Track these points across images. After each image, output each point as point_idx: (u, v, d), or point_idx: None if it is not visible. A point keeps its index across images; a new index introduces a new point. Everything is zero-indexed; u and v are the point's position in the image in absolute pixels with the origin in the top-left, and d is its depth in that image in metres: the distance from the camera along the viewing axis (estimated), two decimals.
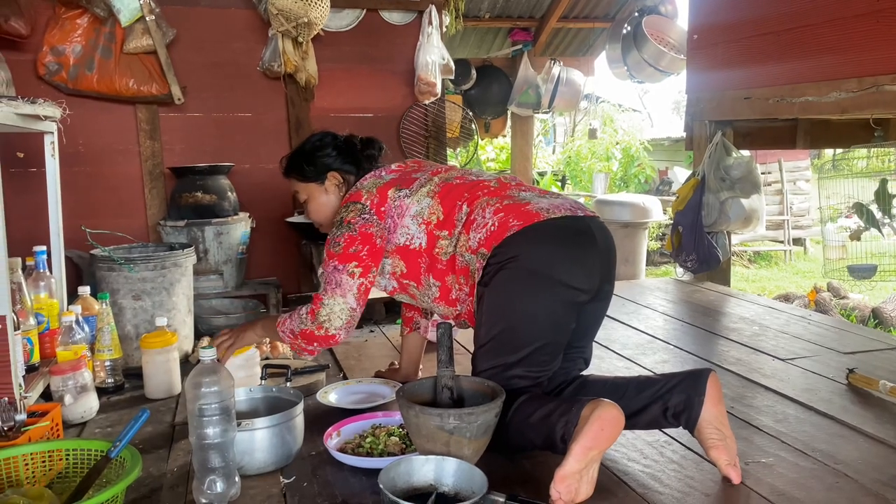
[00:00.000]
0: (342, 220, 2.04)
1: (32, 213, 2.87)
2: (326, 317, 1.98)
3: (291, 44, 3.54)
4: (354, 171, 2.23)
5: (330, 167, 2.22)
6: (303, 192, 2.27)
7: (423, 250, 2.02)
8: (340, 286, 1.99)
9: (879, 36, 2.93)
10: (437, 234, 1.99)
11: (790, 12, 3.37)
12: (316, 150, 2.24)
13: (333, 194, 2.23)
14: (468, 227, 1.94)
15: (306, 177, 2.23)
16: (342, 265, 1.99)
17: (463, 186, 2.05)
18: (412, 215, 2.03)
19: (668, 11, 5.76)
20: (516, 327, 1.82)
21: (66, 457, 1.70)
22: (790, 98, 3.38)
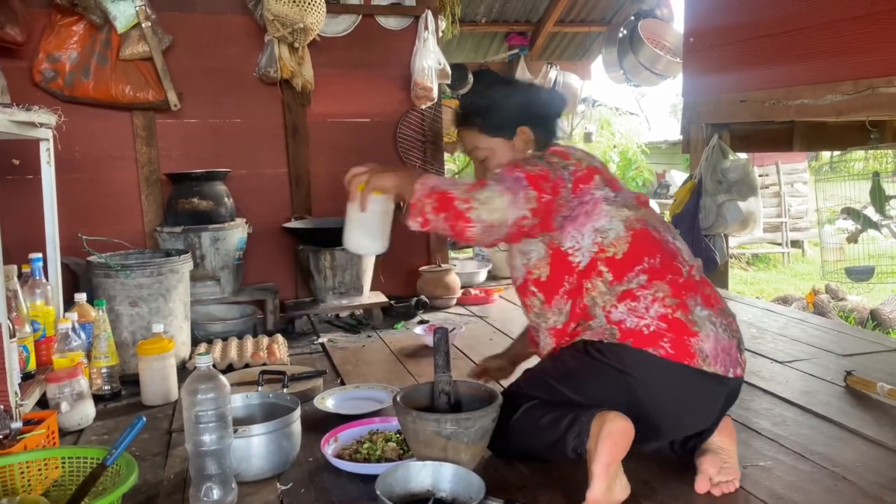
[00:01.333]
0: (542, 156, 1.80)
1: (28, 220, 2.87)
2: (481, 199, 1.61)
3: (288, 49, 3.54)
4: (545, 132, 1.92)
5: (524, 121, 1.89)
6: (483, 147, 1.92)
7: (576, 271, 1.74)
8: (513, 192, 1.64)
9: (874, 38, 2.94)
10: (602, 269, 1.72)
11: (785, 15, 3.37)
12: (508, 99, 1.91)
13: (521, 155, 1.89)
14: (627, 297, 1.68)
15: (492, 129, 1.89)
16: (528, 181, 1.68)
17: (657, 246, 1.76)
18: (595, 227, 1.74)
19: (664, 15, 5.76)
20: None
21: (62, 465, 1.70)
22: (786, 101, 3.38)
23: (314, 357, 3.05)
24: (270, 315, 3.47)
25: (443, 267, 3.99)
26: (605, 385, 1.66)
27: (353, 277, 3.54)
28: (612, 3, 6.20)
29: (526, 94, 1.94)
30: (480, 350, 3.05)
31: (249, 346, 2.95)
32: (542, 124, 1.92)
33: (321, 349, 3.17)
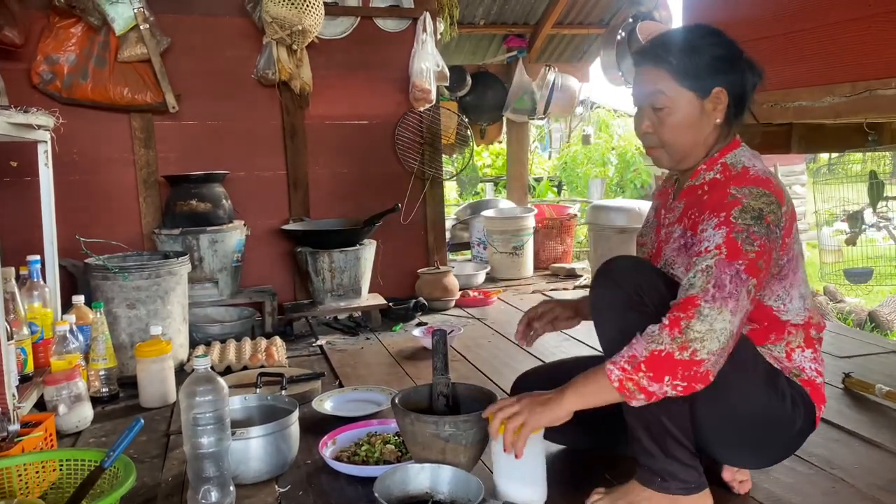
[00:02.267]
0: (763, 214, 1.46)
1: (26, 223, 2.86)
2: (701, 333, 1.37)
3: (286, 51, 3.54)
4: (739, 106, 1.64)
5: (726, 82, 1.59)
6: (667, 95, 1.59)
7: (787, 325, 1.61)
8: (737, 299, 1.40)
9: (872, 40, 2.94)
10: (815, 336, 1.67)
11: (783, 18, 3.37)
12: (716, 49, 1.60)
13: (708, 122, 1.61)
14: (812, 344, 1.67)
15: (688, 76, 1.58)
16: (748, 274, 1.42)
17: None
18: (801, 293, 1.61)
19: (663, 17, 5.76)
20: None
21: (59, 467, 1.70)
22: (784, 103, 3.38)
23: (312, 359, 3.05)
24: (269, 317, 3.47)
25: (441, 269, 3.99)
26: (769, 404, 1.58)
27: (352, 279, 3.54)
28: (611, 5, 6.20)
29: (737, 51, 1.64)
30: (479, 352, 3.05)
31: (248, 349, 2.94)
32: (740, 94, 1.63)
33: (319, 351, 3.17)
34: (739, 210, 1.46)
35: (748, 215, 1.46)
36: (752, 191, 1.49)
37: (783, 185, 1.57)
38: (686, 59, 1.59)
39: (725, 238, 1.44)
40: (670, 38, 1.65)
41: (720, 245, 1.44)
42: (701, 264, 1.43)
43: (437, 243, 4.20)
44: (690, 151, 1.64)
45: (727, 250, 1.43)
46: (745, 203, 1.47)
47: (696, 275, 1.43)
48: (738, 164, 1.59)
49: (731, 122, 1.64)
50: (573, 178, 11.87)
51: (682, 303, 1.41)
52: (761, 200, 1.48)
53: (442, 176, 4.23)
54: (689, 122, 1.60)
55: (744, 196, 1.49)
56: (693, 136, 1.62)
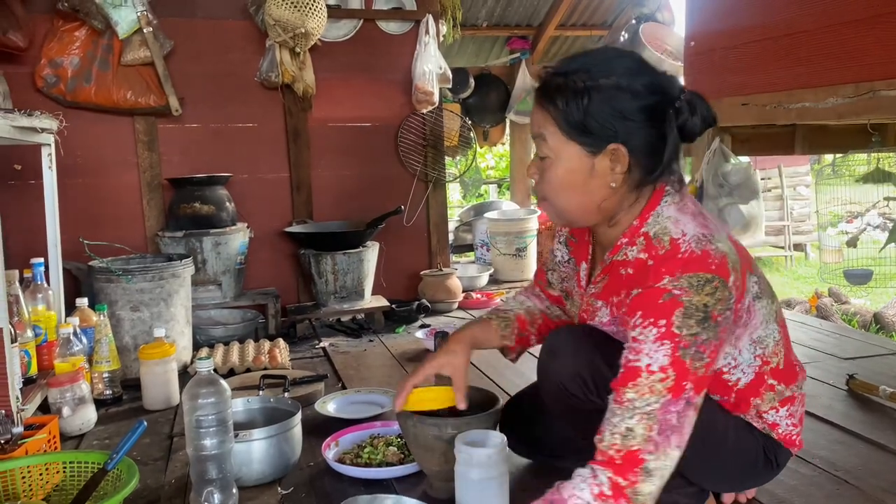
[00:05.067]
0: (709, 311, 1.22)
1: (30, 225, 2.87)
2: (651, 492, 1.21)
3: (289, 54, 3.54)
4: (656, 161, 1.31)
5: (621, 135, 1.29)
6: (548, 146, 1.34)
7: (735, 389, 1.42)
8: (682, 430, 1.22)
9: (875, 41, 2.94)
10: (773, 383, 1.43)
11: (786, 18, 3.37)
12: (628, 93, 1.28)
13: (600, 184, 1.32)
14: (788, 402, 1.49)
15: (572, 127, 1.30)
16: (697, 395, 1.24)
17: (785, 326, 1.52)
18: (753, 338, 1.39)
19: (666, 18, 5.76)
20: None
21: (63, 469, 1.70)
22: (787, 104, 3.38)
23: (315, 361, 3.05)
24: (272, 319, 3.47)
25: (444, 271, 3.99)
26: (744, 459, 1.50)
27: (355, 281, 3.54)
28: (614, 6, 6.20)
29: (654, 92, 1.30)
30: (482, 354, 3.04)
31: (251, 351, 2.95)
32: (653, 149, 1.31)
33: (322, 353, 3.18)
34: (682, 316, 1.21)
35: (692, 320, 1.21)
36: (692, 280, 1.22)
37: (722, 236, 1.30)
38: (574, 103, 1.28)
39: (671, 358, 1.20)
40: (570, 68, 1.32)
41: (665, 367, 1.20)
42: (641, 404, 1.20)
43: (440, 245, 4.20)
44: (579, 216, 1.39)
45: (674, 374, 1.20)
46: (686, 304, 1.21)
47: (634, 417, 1.20)
48: (665, 237, 1.29)
49: (645, 180, 1.34)
50: None
51: (622, 463, 1.19)
52: (704, 292, 1.22)
53: (445, 178, 4.23)
54: (572, 181, 1.33)
55: (683, 291, 1.22)
56: (579, 198, 1.35)
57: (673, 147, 1.31)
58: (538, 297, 1.79)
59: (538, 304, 1.78)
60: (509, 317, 1.71)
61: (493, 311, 1.74)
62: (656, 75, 1.33)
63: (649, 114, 1.28)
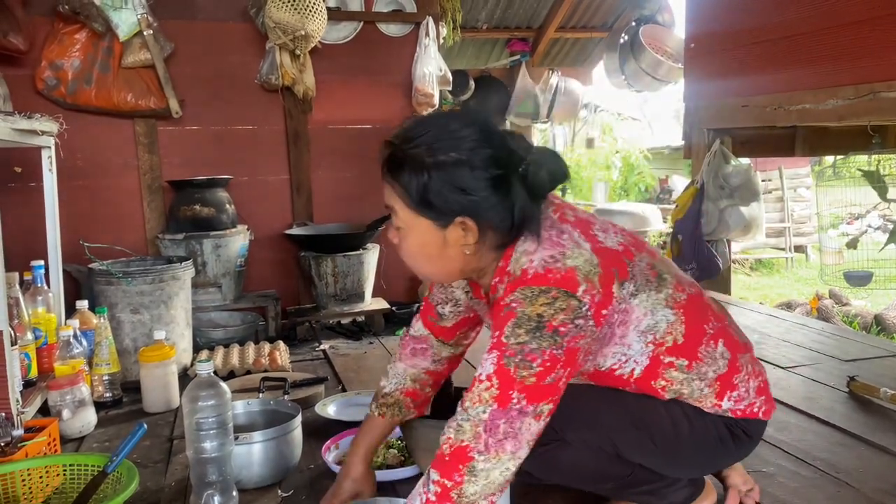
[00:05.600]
0: (544, 321, 1.22)
1: (30, 228, 2.87)
2: (477, 494, 1.20)
3: (289, 56, 3.55)
4: (509, 223, 1.31)
5: (467, 209, 1.29)
6: (399, 218, 1.36)
7: (632, 380, 1.42)
8: (517, 437, 1.22)
9: (875, 43, 2.94)
10: (671, 360, 1.40)
11: (786, 20, 3.37)
12: (453, 169, 1.27)
13: (456, 252, 1.34)
14: (727, 390, 1.45)
15: (418, 204, 1.31)
16: (532, 405, 1.22)
17: (702, 303, 1.50)
18: (641, 330, 1.37)
19: (666, 20, 5.77)
20: (665, 463, 1.51)
21: (63, 472, 1.70)
22: (788, 106, 3.38)
23: (316, 364, 3.05)
24: (272, 322, 3.47)
25: None
26: (707, 443, 1.48)
27: (355, 284, 3.54)
28: (614, 8, 6.21)
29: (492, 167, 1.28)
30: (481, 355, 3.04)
31: (251, 353, 2.94)
32: (501, 217, 1.30)
33: (323, 356, 3.17)
34: (512, 326, 1.22)
35: (522, 329, 1.21)
36: (525, 292, 1.23)
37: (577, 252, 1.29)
38: (416, 180, 1.28)
39: (496, 366, 1.22)
40: (411, 143, 1.30)
41: (490, 376, 1.22)
42: (473, 413, 1.21)
43: None
44: (443, 279, 1.45)
45: (497, 382, 1.21)
46: (519, 314, 1.22)
47: (468, 422, 1.21)
48: (517, 268, 1.30)
49: (502, 241, 1.33)
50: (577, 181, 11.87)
51: (450, 459, 1.21)
52: (538, 302, 1.22)
53: None
54: (427, 252, 1.35)
55: (517, 304, 1.23)
56: (437, 266, 1.37)
57: (522, 209, 1.30)
58: (422, 352, 1.71)
59: (422, 362, 1.71)
60: (398, 400, 1.69)
61: (377, 402, 1.70)
62: (501, 144, 1.30)
63: (493, 184, 1.28)
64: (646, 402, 1.44)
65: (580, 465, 1.46)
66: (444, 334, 1.69)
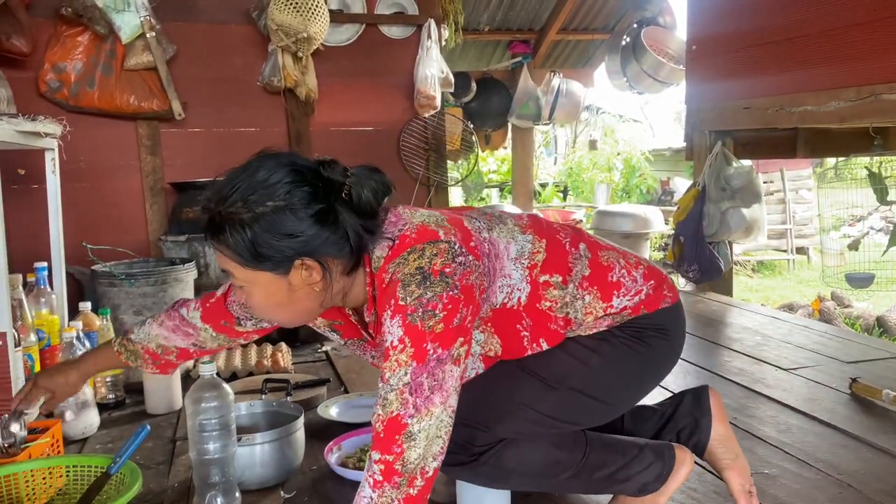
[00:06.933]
0: (426, 270, 1.23)
1: (33, 230, 2.88)
2: (420, 455, 1.19)
3: (291, 59, 3.56)
4: (347, 249, 1.29)
5: (301, 251, 1.27)
6: (238, 278, 1.32)
7: (521, 308, 1.40)
8: (442, 387, 1.21)
9: (877, 45, 2.94)
10: (546, 279, 1.40)
11: (788, 22, 3.38)
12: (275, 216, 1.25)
13: (307, 293, 1.32)
14: (612, 289, 1.44)
15: (248, 261, 1.27)
16: (447, 350, 1.22)
17: (546, 220, 1.53)
18: (513, 257, 1.39)
19: (667, 22, 5.78)
20: (602, 407, 1.49)
21: (66, 473, 1.70)
22: (789, 108, 3.38)
23: (318, 365, 3.05)
24: None
25: None
26: (636, 368, 1.48)
27: None
28: (615, 10, 6.21)
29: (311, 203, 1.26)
30: None
31: (253, 355, 2.94)
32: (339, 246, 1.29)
33: (325, 357, 3.17)
34: (402, 287, 1.22)
35: (412, 285, 1.22)
36: (397, 262, 1.25)
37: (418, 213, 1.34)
38: (240, 239, 1.25)
39: (403, 327, 1.21)
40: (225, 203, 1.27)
41: (402, 338, 1.20)
42: (395, 381, 1.19)
43: None
44: (306, 319, 1.44)
45: (409, 340, 1.20)
46: (401, 277, 1.23)
47: (392, 391, 1.19)
48: (378, 262, 1.30)
49: (350, 265, 1.33)
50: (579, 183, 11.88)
51: (385, 433, 1.18)
52: (411, 259, 1.24)
53: (447, 182, 4.24)
54: (277, 301, 1.33)
55: (394, 273, 1.24)
56: (294, 310, 1.37)
57: (355, 233, 1.29)
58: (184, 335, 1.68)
59: (178, 341, 1.68)
60: (137, 351, 1.69)
61: (121, 339, 1.71)
62: (315, 178, 1.29)
63: (319, 219, 1.26)
64: (546, 358, 1.43)
65: (527, 461, 1.44)
66: (228, 332, 1.67)
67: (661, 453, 1.55)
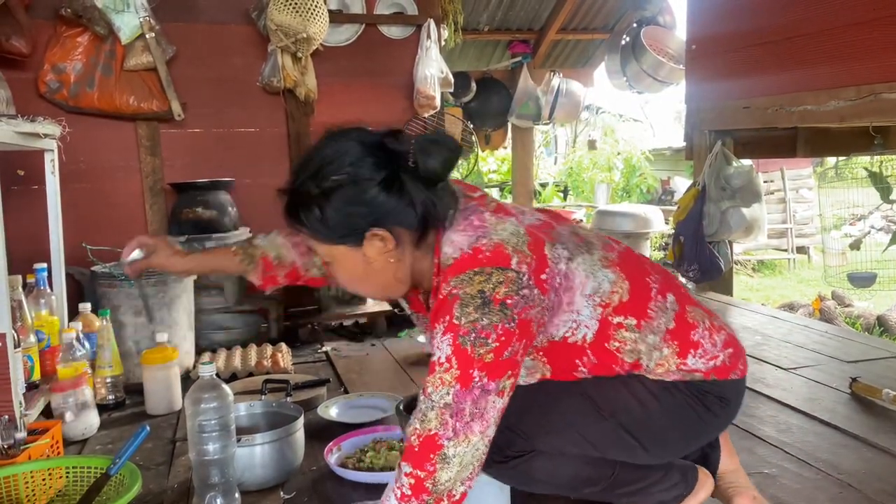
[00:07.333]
0: (487, 296, 1.22)
1: (33, 231, 2.88)
2: (451, 479, 1.19)
3: (291, 59, 3.55)
4: (415, 219, 1.32)
5: (371, 221, 1.30)
6: (320, 253, 1.42)
7: (586, 345, 1.38)
8: (483, 417, 1.21)
9: (876, 44, 2.94)
10: (619, 320, 1.37)
11: (788, 22, 3.37)
12: (343, 189, 1.29)
13: (383, 265, 1.36)
14: (689, 348, 1.41)
15: (325, 235, 1.34)
16: (494, 381, 1.22)
17: (638, 258, 1.50)
18: (587, 293, 1.36)
19: (667, 22, 5.77)
20: (640, 452, 1.46)
21: (66, 474, 1.71)
22: (789, 107, 3.38)
23: (318, 365, 3.05)
24: (274, 324, 3.47)
25: None
26: (682, 418, 1.44)
27: None
28: (615, 10, 6.20)
29: (377, 172, 1.29)
30: None
31: (253, 355, 2.95)
32: (407, 215, 1.31)
33: (325, 358, 3.18)
34: (459, 306, 1.22)
35: (470, 307, 1.21)
36: (462, 278, 1.25)
37: (500, 228, 1.31)
38: (312, 217, 1.32)
39: (452, 346, 1.21)
40: (297, 183, 1.35)
41: (449, 357, 1.21)
42: (437, 397, 1.20)
43: None
44: (388, 293, 1.46)
45: (457, 362, 1.20)
46: (461, 296, 1.23)
47: (433, 409, 1.20)
48: (448, 260, 1.31)
49: (421, 237, 1.34)
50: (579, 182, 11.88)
51: (420, 449, 1.19)
52: (476, 281, 1.23)
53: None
54: (357, 274, 1.38)
55: (457, 288, 1.24)
56: (373, 282, 1.40)
57: (423, 202, 1.31)
58: (304, 253, 1.73)
59: (296, 256, 1.75)
60: (254, 257, 1.74)
61: (244, 243, 1.77)
62: (380, 149, 1.32)
63: (385, 188, 1.29)
64: (607, 387, 1.41)
65: (557, 473, 1.44)
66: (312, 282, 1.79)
67: (685, 474, 1.54)
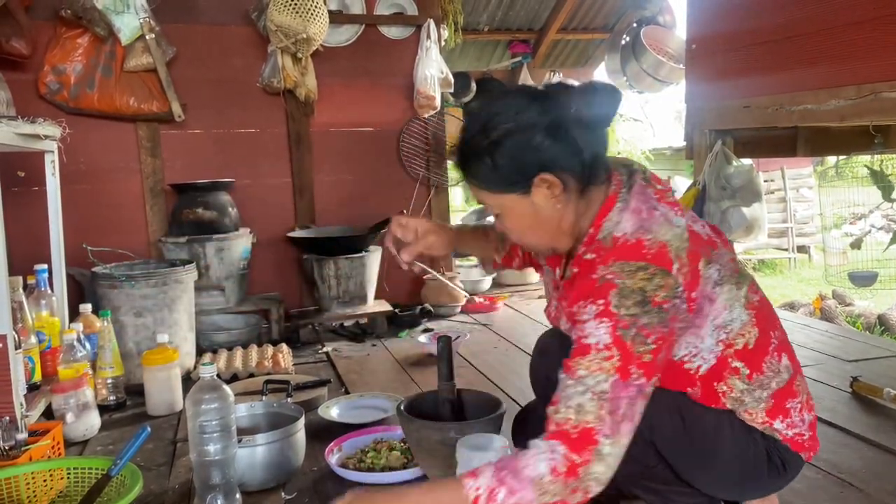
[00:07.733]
0: (648, 296, 1.22)
1: (34, 232, 2.88)
2: (599, 473, 1.18)
3: (291, 59, 3.55)
4: (580, 163, 1.33)
5: (539, 166, 1.32)
6: (490, 205, 1.42)
7: (698, 377, 1.39)
8: (633, 419, 1.21)
9: (877, 43, 2.93)
10: (737, 365, 1.38)
11: (787, 21, 3.37)
12: (511, 137, 1.31)
13: (550, 211, 1.36)
14: (779, 413, 1.43)
15: (494, 183, 1.36)
16: (648, 382, 1.23)
17: (773, 311, 1.49)
18: (717, 324, 1.35)
19: (667, 22, 5.77)
20: (694, 471, 1.48)
21: (67, 475, 1.71)
22: (789, 106, 3.38)
23: (318, 366, 3.05)
24: (275, 324, 3.47)
25: (447, 275, 3.99)
26: (745, 462, 1.45)
27: (358, 286, 3.55)
28: (615, 10, 6.20)
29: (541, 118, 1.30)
30: (485, 358, 3.05)
31: (254, 356, 2.95)
32: (573, 160, 1.33)
33: (325, 358, 3.18)
34: (617, 295, 1.21)
35: (630, 301, 1.21)
36: (623, 266, 1.24)
37: (666, 227, 1.30)
38: (483, 167, 1.35)
39: (612, 337, 1.20)
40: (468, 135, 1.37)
41: (609, 346, 1.20)
42: (592, 382, 1.19)
43: None
44: (553, 244, 1.45)
45: (618, 354, 1.19)
46: (620, 285, 1.22)
47: (587, 394, 1.19)
48: (608, 237, 1.32)
49: (585, 184, 1.36)
50: None
51: (577, 438, 1.17)
52: (638, 277, 1.23)
53: (447, 182, 4.24)
54: (526, 223, 1.40)
55: (615, 275, 1.24)
56: (541, 232, 1.41)
57: (587, 145, 1.33)
58: None
59: None
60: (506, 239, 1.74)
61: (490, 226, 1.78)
62: (543, 98, 1.34)
63: (550, 134, 1.31)
64: (703, 412, 1.42)
65: None
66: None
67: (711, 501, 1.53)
